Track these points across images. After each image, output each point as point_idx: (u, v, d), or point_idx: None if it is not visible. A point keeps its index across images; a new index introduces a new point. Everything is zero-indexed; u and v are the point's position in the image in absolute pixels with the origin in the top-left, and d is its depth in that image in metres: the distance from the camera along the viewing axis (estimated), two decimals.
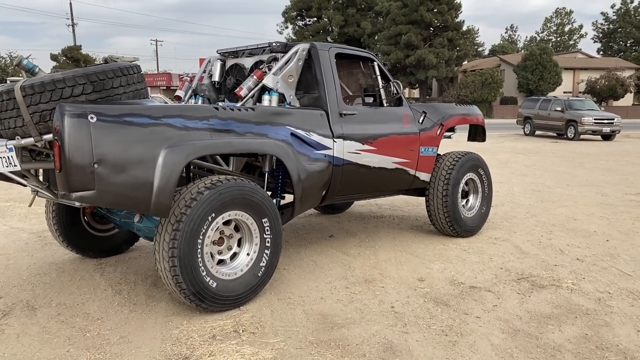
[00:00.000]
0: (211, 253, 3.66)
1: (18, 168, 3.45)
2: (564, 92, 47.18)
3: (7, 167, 3.46)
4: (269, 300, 3.95)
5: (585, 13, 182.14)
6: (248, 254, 3.88)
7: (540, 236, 5.89)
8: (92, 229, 4.90)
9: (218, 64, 5.39)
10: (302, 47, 4.70)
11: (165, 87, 48.21)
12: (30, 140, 3.29)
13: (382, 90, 5.27)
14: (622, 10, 68.46)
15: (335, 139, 4.56)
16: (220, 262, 3.79)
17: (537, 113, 23.50)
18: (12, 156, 3.40)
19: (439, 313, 3.75)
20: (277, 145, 4.06)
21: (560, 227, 6.34)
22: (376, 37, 50.75)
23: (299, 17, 56.04)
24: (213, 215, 3.55)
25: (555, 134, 22.86)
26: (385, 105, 5.27)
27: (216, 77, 5.35)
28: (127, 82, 3.51)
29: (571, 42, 78.71)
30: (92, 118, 3.12)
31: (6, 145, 3.38)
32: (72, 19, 53.31)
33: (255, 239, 3.87)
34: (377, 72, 5.35)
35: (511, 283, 4.35)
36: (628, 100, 51.20)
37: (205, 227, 3.53)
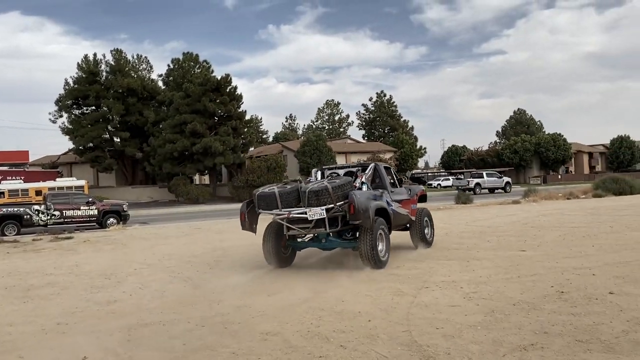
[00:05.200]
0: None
1: (324, 215, 8.84)
2: None
3: (320, 217, 8.82)
4: None
5: (351, 104, 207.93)
6: (384, 246, 9.50)
7: (310, 324, 5.91)
8: (283, 253, 10.08)
9: (319, 173, 11.35)
10: (372, 165, 10.85)
11: None
12: (332, 206, 8.80)
13: (396, 180, 11.52)
14: (378, 102, 79.80)
15: (391, 203, 10.25)
16: None
17: None
18: (324, 212, 8.79)
19: None
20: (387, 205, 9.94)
21: (329, 310, 6.49)
22: (161, 126, 50.15)
23: (75, 106, 52.76)
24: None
25: None
26: (397, 186, 11.41)
27: (318, 178, 10.85)
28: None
29: (341, 129, 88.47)
30: (355, 196, 8.78)
31: (320, 209, 8.76)
32: None
33: (384, 237, 9.56)
34: (393, 173, 11.67)
35: None
36: None
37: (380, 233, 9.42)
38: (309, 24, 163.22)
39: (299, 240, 10.10)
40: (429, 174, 79.04)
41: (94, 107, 52.07)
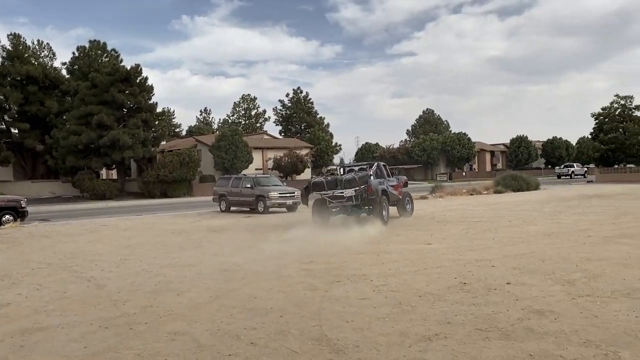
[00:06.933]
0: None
1: (353, 194, 15.09)
2: (256, 169, 51.68)
3: (351, 194, 15.06)
4: None
5: (268, 99, 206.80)
6: (386, 212, 16.09)
7: (220, 322, 5.80)
8: (324, 218, 15.94)
9: (341, 169, 18.47)
10: (376, 163, 17.38)
11: None
12: (357, 188, 15.12)
13: (389, 173, 18.41)
14: (295, 99, 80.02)
15: (388, 187, 16.92)
16: None
17: (230, 190, 24.82)
18: (353, 192, 15.06)
19: None
20: (387, 188, 16.80)
21: (240, 308, 6.41)
22: (64, 117, 47.16)
23: None
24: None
25: (248, 209, 24.37)
26: (391, 176, 18.44)
27: (341, 172, 17.75)
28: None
29: (258, 125, 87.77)
30: (372, 182, 15.54)
31: (351, 190, 15.08)
32: None
33: (386, 207, 16.17)
34: (387, 169, 18.23)
35: None
36: (307, 174, 58.99)
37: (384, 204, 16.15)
38: (225, 16, 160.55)
39: (333, 210, 16.07)
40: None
41: None
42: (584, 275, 7.66)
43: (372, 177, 16.00)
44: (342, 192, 15.27)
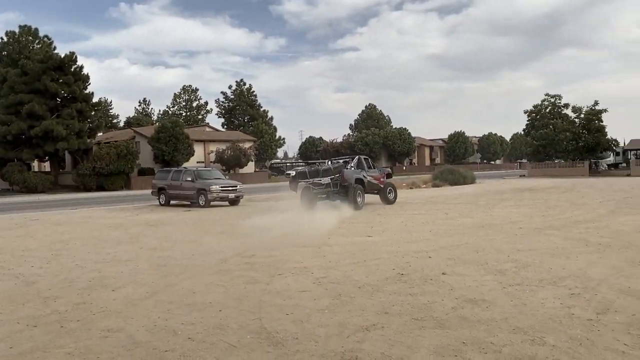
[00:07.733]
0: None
1: (330, 182, 18.51)
2: (198, 162, 50.62)
3: (328, 182, 18.43)
4: None
5: (210, 91, 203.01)
6: (361, 198, 18.69)
7: (157, 318, 5.67)
8: (310, 203, 18.19)
9: (329, 162, 20.83)
10: (357, 157, 21.18)
11: None
12: (333, 176, 18.51)
13: (372, 164, 21.56)
14: (238, 91, 78.99)
15: (366, 176, 19.78)
16: None
17: (170, 184, 24.22)
18: (329, 179, 18.35)
19: None
20: (363, 177, 19.81)
21: (178, 303, 6.28)
22: None
23: None
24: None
25: (189, 203, 23.87)
26: (373, 167, 21.26)
27: (329, 164, 20.16)
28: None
29: (200, 117, 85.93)
30: (345, 171, 18.96)
31: (328, 178, 18.42)
32: None
33: (361, 194, 18.77)
34: (369, 162, 21.32)
35: None
36: (251, 167, 58.52)
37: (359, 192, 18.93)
38: (165, 5, 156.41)
39: (318, 196, 18.60)
40: (287, 164, 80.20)
41: None
42: (515, 265, 8.01)
43: (352, 168, 19.74)
44: (321, 180, 18.44)
